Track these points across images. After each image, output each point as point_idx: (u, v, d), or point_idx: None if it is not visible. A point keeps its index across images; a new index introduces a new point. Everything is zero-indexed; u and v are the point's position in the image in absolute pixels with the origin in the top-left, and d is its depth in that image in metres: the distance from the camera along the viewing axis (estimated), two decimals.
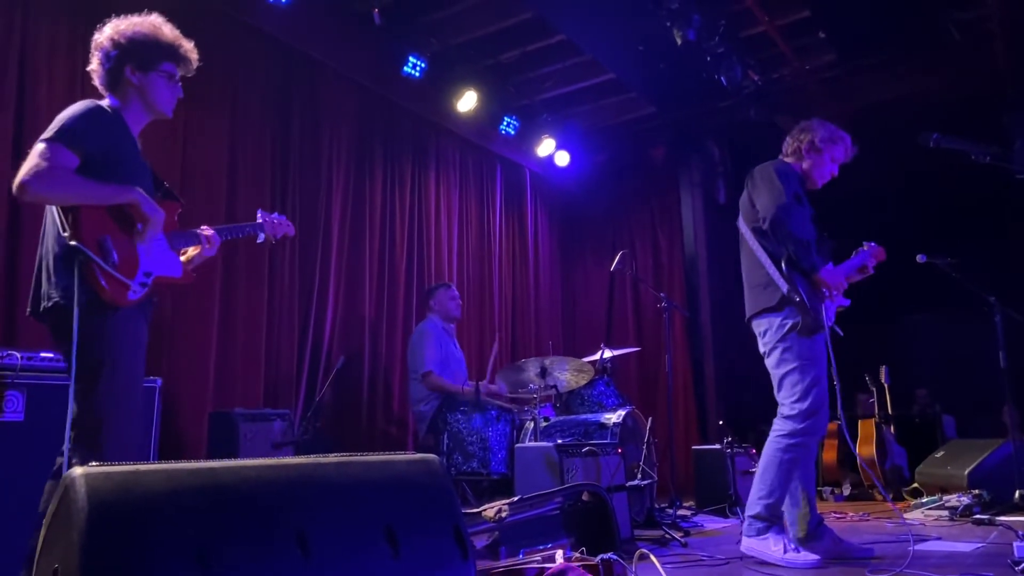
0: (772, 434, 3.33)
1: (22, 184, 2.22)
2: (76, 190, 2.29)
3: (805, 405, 3.23)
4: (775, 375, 3.36)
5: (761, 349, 3.43)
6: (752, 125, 7.11)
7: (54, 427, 2.97)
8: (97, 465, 1.40)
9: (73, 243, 2.24)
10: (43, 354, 3.15)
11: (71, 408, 2.22)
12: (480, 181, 7.60)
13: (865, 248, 3.60)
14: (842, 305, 3.42)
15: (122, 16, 2.54)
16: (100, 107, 2.45)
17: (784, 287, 3.24)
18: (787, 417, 3.29)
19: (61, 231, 2.30)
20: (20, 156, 3.89)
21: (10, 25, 4.02)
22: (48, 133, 2.31)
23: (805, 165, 3.54)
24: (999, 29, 6.05)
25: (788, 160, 3.58)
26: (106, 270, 2.27)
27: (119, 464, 1.43)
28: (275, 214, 3.09)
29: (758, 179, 3.44)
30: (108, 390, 2.28)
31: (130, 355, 2.36)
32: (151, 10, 2.58)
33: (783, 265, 3.25)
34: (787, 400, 3.30)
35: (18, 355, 3.07)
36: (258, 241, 3.03)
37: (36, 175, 2.22)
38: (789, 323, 3.26)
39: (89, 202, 2.31)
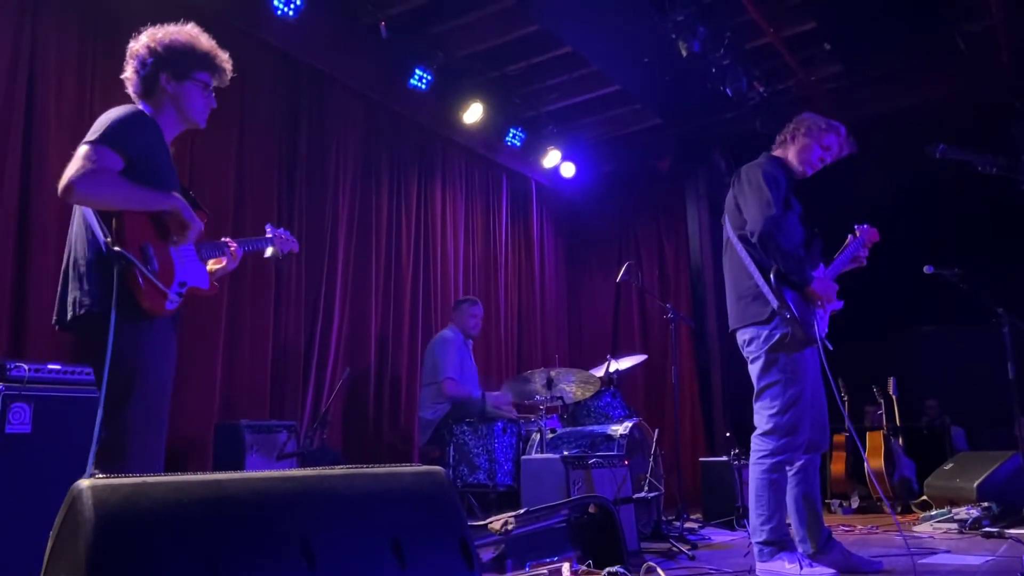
0: (753, 456, 3.26)
1: (69, 185, 2.20)
2: (121, 193, 2.27)
3: (783, 420, 3.17)
4: (757, 385, 3.30)
5: (745, 356, 3.37)
6: (758, 136, 7.10)
7: (61, 439, 3.00)
8: (103, 477, 1.40)
9: (117, 248, 2.20)
10: (50, 366, 3.16)
11: (100, 417, 2.13)
12: (486, 193, 7.62)
13: (857, 235, 3.50)
14: (835, 309, 3.34)
15: (159, 25, 2.55)
16: (142, 112, 2.45)
17: (774, 302, 3.15)
18: (764, 435, 3.23)
19: (103, 236, 2.25)
20: (29, 167, 3.96)
21: (19, 35, 4.05)
22: (93, 135, 2.29)
23: (791, 152, 3.44)
24: (1005, 40, 6.04)
25: (776, 153, 3.49)
26: (148, 277, 2.24)
27: (126, 476, 1.44)
28: (281, 229, 3.07)
29: (745, 183, 3.31)
30: (138, 403, 2.23)
31: (161, 368, 2.33)
32: (162, 24, 2.59)
33: (772, 279, 3.15)
34: (764, 412, 3.24)
35: (25, 367, 3.07)
36: (265, 256, 3.02)
37: (83, 176, 2.20)
38: (777, 335, 3.18)
39: (132, 206, 2.28)
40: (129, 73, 2.53)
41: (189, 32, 2.54)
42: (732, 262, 3.40)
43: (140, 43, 2.50)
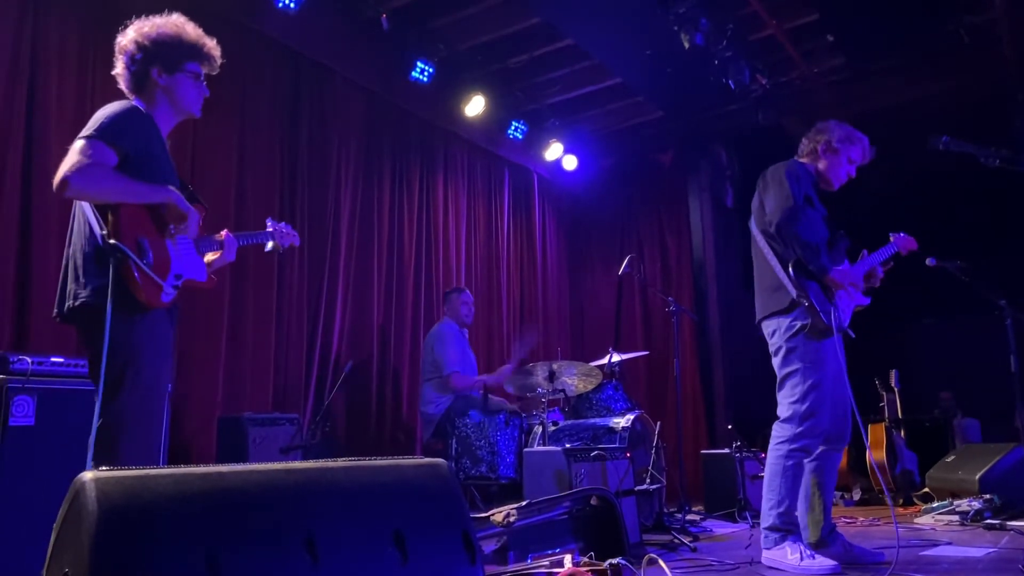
0: (772, 442, 3.33)
1: (64, 180, 2.21)
2: (116, 187, 2.29)
3: (802, 408, 3.23)
4: (779, 375, 3.37)
5: (770, 350, 3.43)
6: (760, 129, 7.09)
7: (65, 431, 3.01)
8: (107, 469, 1.41)
9: (112, 241, 2.22)
10: (53, 359, 3.17)
11: (98, 407, 2.19)
12: (488, 185, 7.61)
13: (892, 240, 3.61)
14: (860, 304, 3.41)
15: (144, 17, 2.53)
16: (136, 107, 2.46)
17: (793, 292, 3.24)
18: (785, 421, 3.29)
19: (99, 229, 2.28)
20: (31, 163, 3.97)
21: (20, 33, 4.05)
22: (88, 130, 2.31)
23: (821, 165, 3.51)
24: (1007, 32, 6.02)
25: (803, 160, 3.56)
26: (143, 269, 2.26)
27: (129, 468, 1.44)
28: (283, 224, 3.09)
29: (769, 180, 3.42)
30: (130, 393, 2.25)
31: (155, 359, 2.35)
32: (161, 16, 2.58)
33: (791, 269, 3.23)
34: (785, 400, 3.31)
35: (29, 360, 3.09)
36: (266, 250, 3.03)
37: (77, 171, 2.22)
38: (798, 324, 3.26)
39: (127, 199, 2.30)
40: (120, 69, 2.53)
41: (175, 23, 2.53)
42: (757, 258, 3.50)
43: (128, 38, 2.50)
